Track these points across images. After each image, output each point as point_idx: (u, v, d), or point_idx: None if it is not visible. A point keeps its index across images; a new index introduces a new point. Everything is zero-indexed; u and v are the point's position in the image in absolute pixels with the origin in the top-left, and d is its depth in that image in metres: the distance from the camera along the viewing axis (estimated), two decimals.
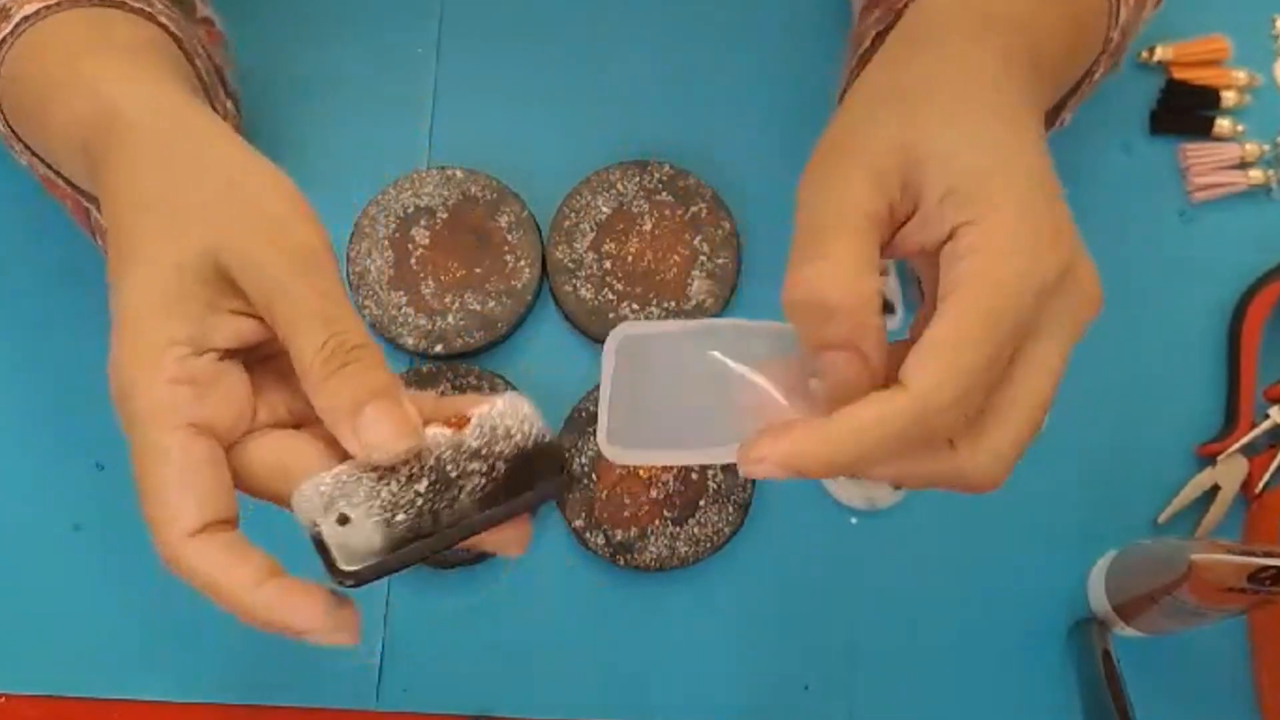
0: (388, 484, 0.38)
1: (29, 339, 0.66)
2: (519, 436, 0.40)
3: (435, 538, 0.39)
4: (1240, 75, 0.73)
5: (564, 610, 0.64)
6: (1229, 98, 0.72)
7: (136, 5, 0.50)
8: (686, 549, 0.63)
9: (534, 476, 0.40)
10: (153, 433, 0.38)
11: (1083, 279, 0.37)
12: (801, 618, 0.65)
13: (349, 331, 0.38)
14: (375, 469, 0.38)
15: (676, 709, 0.63)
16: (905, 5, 0.52)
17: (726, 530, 0.64)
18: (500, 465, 0.40)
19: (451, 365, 0.65)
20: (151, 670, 0.62)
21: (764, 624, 0.64)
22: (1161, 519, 0.66)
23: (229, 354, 0.40)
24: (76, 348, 0.65)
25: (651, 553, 0.63)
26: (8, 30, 0.47)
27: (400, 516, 0.38)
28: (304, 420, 0.42)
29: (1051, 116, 0.53)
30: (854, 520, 0.66)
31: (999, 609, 0.65)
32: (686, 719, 0.63)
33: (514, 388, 0.65)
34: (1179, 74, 0.73)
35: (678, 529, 0.64)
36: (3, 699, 0.61)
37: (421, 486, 0.39)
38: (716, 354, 0.40)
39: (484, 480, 0.40)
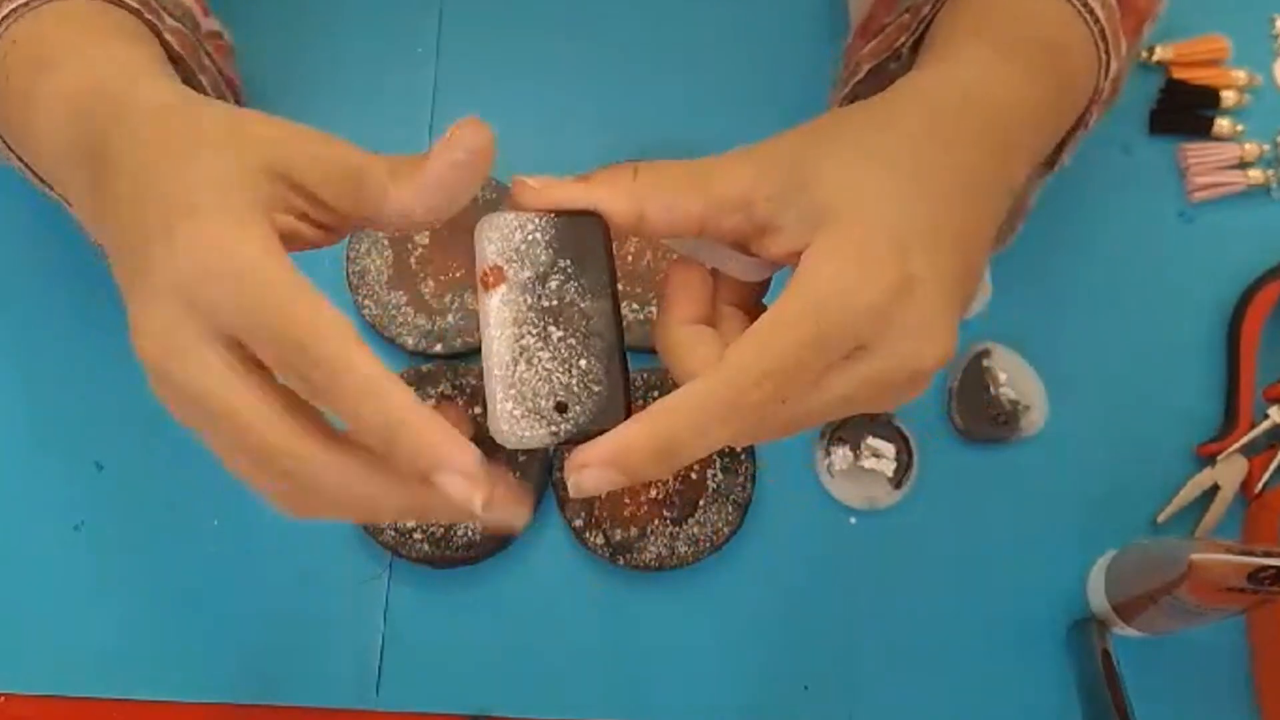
0: (540, 369, 0.38)
1: (29, 339, 0.66)
2: (536, 230, 0.39)
3: (611, 338, 0.38)
4: (1240, 75, 0.73)
5: (563, 610, 0.64)
6: (1229, 97, 0.72)
7: (148, 18, 0.50)
8: (686, 549, 0.63)
9: (590, 239, 0.39)
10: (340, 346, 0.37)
11: (922, 333, 0.39)
12: (801, 618, 0.65)
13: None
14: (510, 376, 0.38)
15: (676, 709, 0.63)
16: (903, 44, 0.53)
17: (726, 530, 0.64)
18: (562, 261, 0.39)
19: (451, 365, 0.65)
20: (151, 670, 0.62)
21: (764, 624, 0.64)
22: (1161, 519, 0.66)
23: None
24: (77, 348, 0.65)
25: (651, 552, 0.63)
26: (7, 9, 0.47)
27: (583, 363, 0.38)
28: None
29: (1051, 160, 0.55)
30: (853, 520, 0.66)
31: (999, 609, 0.65)
32: (686, 719, 0.63)
33: None
34: (1179, 74, 0.73)
35: (677, 529, 0.64)
36: (2, 699, 0.61)
37: (556, 338, 0.38)
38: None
39: (568, 280, 0.38)
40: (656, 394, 0.65)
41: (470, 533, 0.63)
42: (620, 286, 0.66)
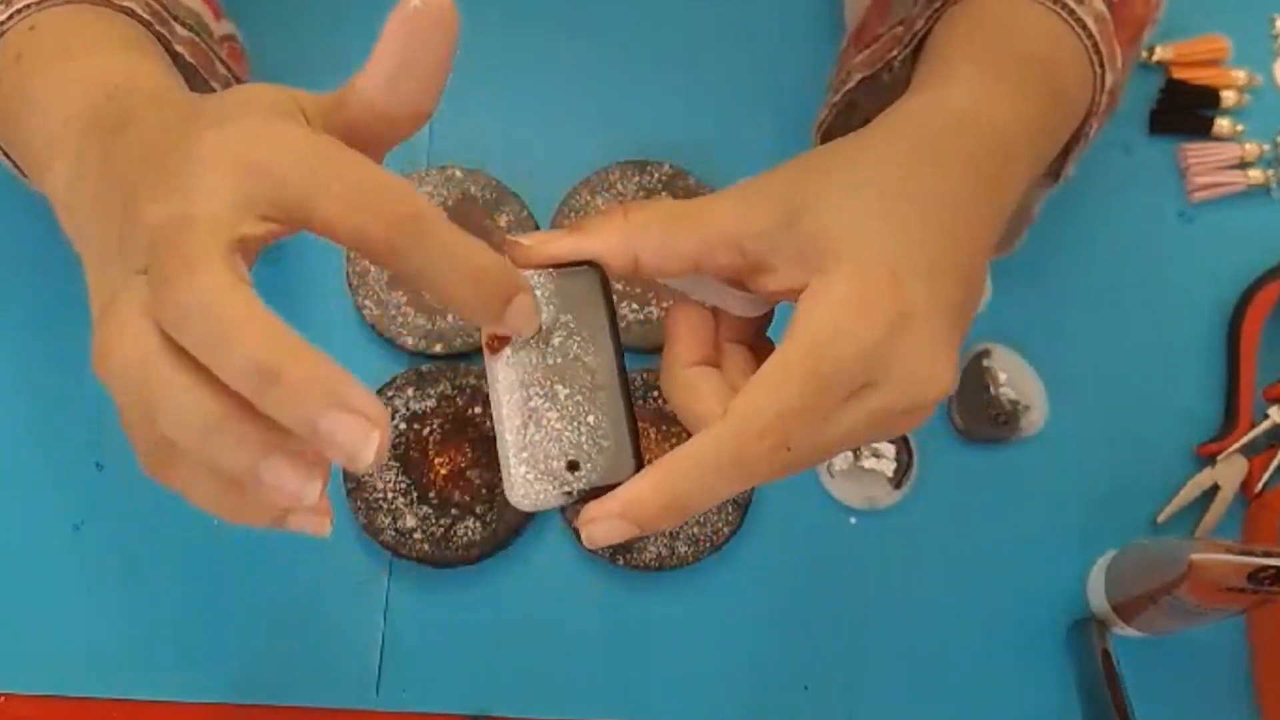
0: (550, 429, 0.38)
1: (29, 339, 0.66)
2: (536, 288, 0.39)
3: (619, 391, 0.39)
4: (1240, 75, 0.73)
5: (564, 610, 0.64)
6: (1229, 97, 0.72)
7: (158, 30, 0.50)
8: (686, 549, 0.63)
9: (588, 290, 0.40)
10: None
11: (925, 367, 0.38)
12: (801, 618, 0.65)
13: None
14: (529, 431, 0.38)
15: (676, 709, 0.63)
16: (895, 57, 0.53)
17: (726, 530, 0.64)
18: (563, 316, 0.39)
19: (451, 365, 0.65)
20: (151, 670, 0.62)
21: (764, 624, 0.64)
22: (1161, 519, 0.66)
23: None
24: (77, 347, 0.65)
25: (651, 553, 0.63)
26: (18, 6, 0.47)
27: (591, 419, 0.39)
28: None
29: (1055, 170, 0.55)
30: (854, 520, 0.66)
31: (999, 609, 0.65)
32: (686, 719, 0.63)
33: None
34: (1179, 74, 0.73)
35: (677, 529, 0.64)
36: (2, 699, 0.61)
37: (563, 396, 0.39)
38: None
39: (571, 335, 0.39)
40: (656, 393, 0.65)
41: (469, 532, 0.63)
42: (619, 287, 0.66)
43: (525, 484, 0.38)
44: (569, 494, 0.38)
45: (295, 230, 0.35)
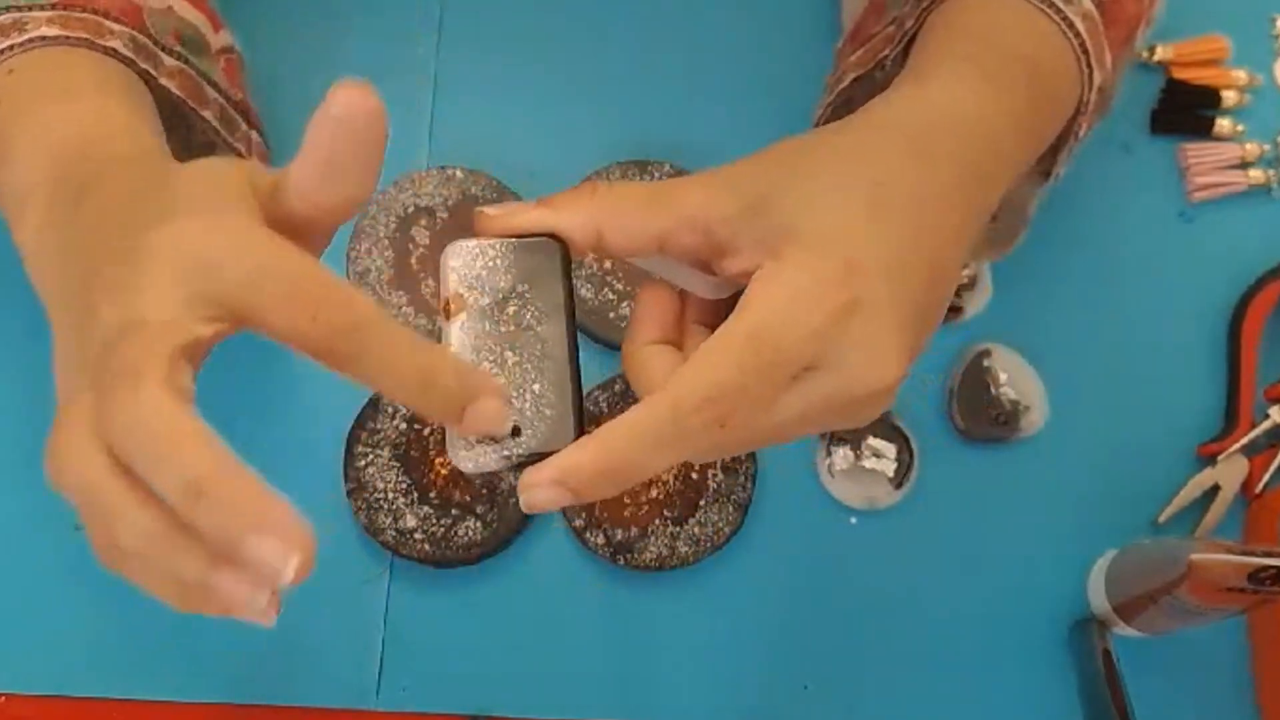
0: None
1: (29, 337, 0.66)
2: (497, 256, 0.39)
3: (567, 364, 0.39)
4: (1240, 75, 0.73)
5: (564, 610, 0.64)
6: (1229, 97, 0.72)
7: (143, 67, 0.50)
8: (686, 549, 0.63)
9: (548, 262, 0.40)
10: None
11: (871, 356, 0.38)
12: (801, 618, 0.65)
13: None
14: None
15: (676, 709, 0.63)
16: (886, 56, 0.53)
17: (726, 530, 0.64)
18: (520, 286, 0.39)
19: None
20: (151, 670, 0.62)
21: (764, 624, 0.64)
22: (1161, 519, 0.66)
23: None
24: None
25: (651, 552, 0.63)
26: (18, 40, 0.47)
27: (536, 387, 0.39)
28: None
29: (1046, 169, 0.55)
30: (854, 520, 0.66)
31: (999, 609, 0.65)
32: (686, 719, 0.63)
33: None
34: (1179, 74, 0.73)
35: (677, 529, 0.64)
36: (2, 699, 0.61)
37: (511, 363, 0.39)
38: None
39: (526, 305, 0.39)
40: None
41: (470, 532, 0.63)
42: (620, 287, 0.66)
43: (467, 445, 0.38)
44: (508, 458, 0.38)
45: (242, 329, 0.35)
